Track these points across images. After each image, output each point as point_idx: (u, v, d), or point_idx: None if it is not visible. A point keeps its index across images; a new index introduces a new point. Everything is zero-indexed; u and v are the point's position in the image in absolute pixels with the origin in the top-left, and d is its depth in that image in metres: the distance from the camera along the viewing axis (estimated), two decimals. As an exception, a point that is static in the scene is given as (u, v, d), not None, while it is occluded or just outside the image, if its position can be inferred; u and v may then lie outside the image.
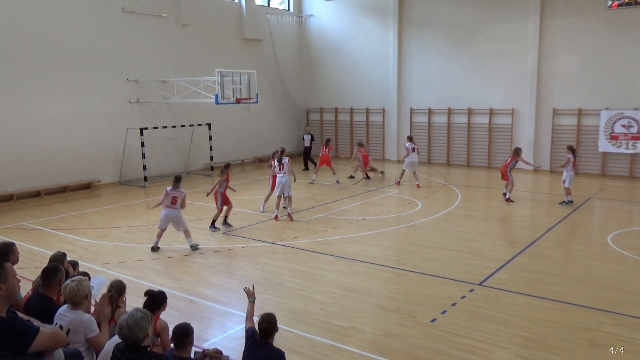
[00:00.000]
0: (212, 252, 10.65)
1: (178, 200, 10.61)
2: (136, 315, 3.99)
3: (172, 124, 20.12)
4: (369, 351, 6.43)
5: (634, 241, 11.08)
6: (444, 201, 15.31)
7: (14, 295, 3.64)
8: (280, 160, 13.22)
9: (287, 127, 26.26)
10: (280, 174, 13.18)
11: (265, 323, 4.73)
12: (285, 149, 14.12)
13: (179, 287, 8.71)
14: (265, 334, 4.73)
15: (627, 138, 18.64)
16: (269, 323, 4.73)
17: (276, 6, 25.67)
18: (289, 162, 13.28)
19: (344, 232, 11.93)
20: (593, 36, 19.02)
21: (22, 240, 11.37)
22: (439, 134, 23.00)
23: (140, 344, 3.95)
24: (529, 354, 6.29)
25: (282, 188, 13.15)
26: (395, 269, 9.52)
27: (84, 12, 17.52)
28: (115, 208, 15.05)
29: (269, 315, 4.81)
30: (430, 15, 22.51)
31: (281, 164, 13.18)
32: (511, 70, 20.81)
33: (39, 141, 16.53)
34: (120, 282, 5.35)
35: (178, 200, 10.61)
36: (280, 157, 13.34)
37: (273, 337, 4.80)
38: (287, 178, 13.16)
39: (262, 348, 4.71)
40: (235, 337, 6.93)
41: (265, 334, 4.73)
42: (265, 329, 4.72)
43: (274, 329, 4.77)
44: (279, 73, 25.42)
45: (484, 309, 7.64)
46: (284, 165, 13.15)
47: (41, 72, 16.49)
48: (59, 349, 3.73)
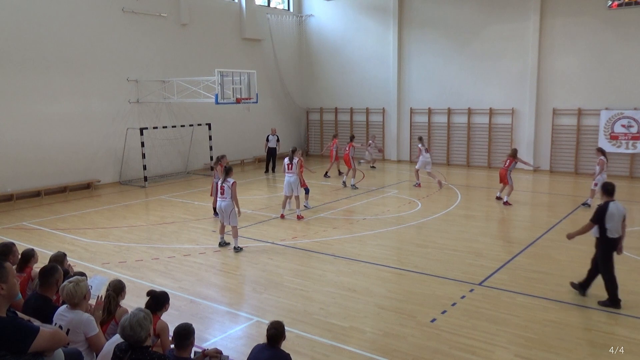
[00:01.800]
0: (212, 252, 10.65)
1: (226, 191, 10.53)
2: (138, 315, 3.99)
3: (172, 124, 20.12)
4: (369, 351, 6.43)
5: (634, 241, 11.07)
6: (444, 201, 15.30)
7: (14, 295, 3.65)
8: (290, 159, 13.31)
9: (287, 127, 26.25)
10: (289, 173, 13.25)
11: (273, 329, 4.75)
12: (296, 148, 14.04)
13: (179, 287, 8.71)
14: (273, 339, 4.74)
15: (627, 138, 18.64)
16: (277, 330, 4.76)
17: (276, 6, 25.68)
18: (299, 162, 13.37)
19: (344, 232, 11.93)
20: (593, 36, 19.02)
21: (22, 240, 11.36)
22: (439, 134, 23.00)
23: (142, 343, 3.96)
24: (529, 354, 6.29)
25: (290, 188, 13.23)
26: (395, 269, 9.52)
27: (84, 12, 17.52)
28: (115, 208, 15.05)
29: (278, 323, 4.83)
30: (430, 16, 22.52)
31: (290, 163, 13.26)
32: (511, 70, 20.82)
33: (39, 141, 16.53)
34: (119, 282, 5.35)
35: (226, 191, 10.53)
36: (291, 156, 13.40)
37: (280, 344, 4.82)
38: (296, 177, 13.22)
39: (268, 351, 4.73)
40: (235, 337, 6.94)
41: (272, 340, 4.74)
42: (273, 335, 4.74)
43: (281, 336, 4.79)
44: (279, 73, 25.42)
45: (484, 309, 7.64)
46: (292, 165, 13.24)
47: (41, 72, 16.49)
48: (59, 349, 3.73)
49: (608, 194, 7.78)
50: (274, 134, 21.44)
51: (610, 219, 7.54)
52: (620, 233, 7.64)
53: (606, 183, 7.99)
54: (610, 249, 7.72)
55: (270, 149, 21.17)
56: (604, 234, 7.63)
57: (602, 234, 7.66)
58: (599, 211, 7.62)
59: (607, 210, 7.56)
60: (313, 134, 26.67)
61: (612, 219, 7.54)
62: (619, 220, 7.59)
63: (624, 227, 7.71)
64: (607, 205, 7.61)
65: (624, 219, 7.70)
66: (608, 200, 7.72)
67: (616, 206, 7.62)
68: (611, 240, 7.63)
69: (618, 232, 7.61)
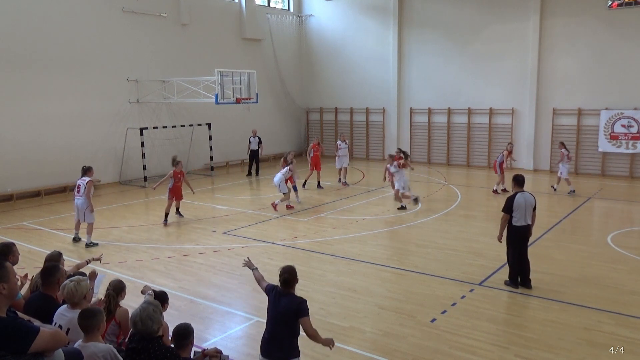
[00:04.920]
0: (212, 252, 10.65)
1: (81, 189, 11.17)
2: (148, 309, 4.04)
3: (172, 124, 20.12)
4: (369, 351, 6.43)
5: (634, 241, 11.08)
6: (444, 201, 15.30)
7: (14, 295, 3.65)
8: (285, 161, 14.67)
9: (287, 127, 26.26)
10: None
11: (286, 274, 4.93)
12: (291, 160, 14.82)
13: (179, 287, 8.71)
14: (287, 284, 4.92)
15: (627, 138, 18.64)
16: (290, 274, 4.94)
17: (275, 6, 25.68)
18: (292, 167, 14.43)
19: (344, 232, 11.93)
20: (593, 36, 19.02)
21: (22, 240, 11.37)
22: (439, 134, 23.01)
23: (154, 335, 4.06)
24: (529, 354, 6.29)
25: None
26: (395, 269, 9.52)
27: (84, 12, 17.52)
28: (115, 208, 15.05)
29: (290, 267, 5.02)
30: (430, 16, 22.52)
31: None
32: (511, 71, 20.82)
33: (39, 141, 16.53)
34: (120, 282, 5.35)
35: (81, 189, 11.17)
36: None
37: (294, 287, 4.99)
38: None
39: (285, 298, 4.90)
40: (235, 337, 6.94)
41: (286, 284, 4.92)
42: (286, 279, 4.91)
43: (294, 279, 4.97)
44: (279, 73, 25.42)
45: (484, 309, 7.64)
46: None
47: (41, 72, 16.49)
48: (59, 349, 3.73)
49: (519, 185, 8.38)
50: (255, 135, 20.44)
51: (517, 209, 8.11)
52: (527, 222, 8.20)
53: (517, 175, 8.51)
54: (515, 235, 8.24)
55: (252, 151, 20.37)
56: (510, 221, 8.21)
57: (509, 222, 8.23)
58: (508, 202, 8.21)
59: (515, 201, 8.14)
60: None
61: (519, 209, 8.11)
62: (525, 210, 8.12)
63: (534, 215, 8.33)
64: (515, 196, 8.20)
65: (534, 208, 8.29)
66: (517, 191, 8.31)
67: (524, 196, 8.18)
68: (516, 228, 8.19)
69: (526, 221, 8.17)
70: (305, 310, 4.82)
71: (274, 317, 4.91)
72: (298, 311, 4.79)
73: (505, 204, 8.27)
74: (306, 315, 4.80)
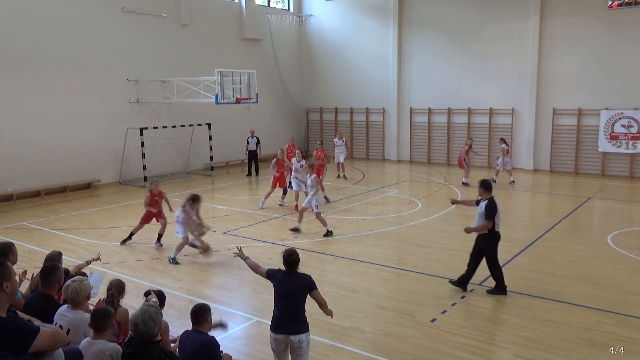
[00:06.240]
0: (212, 252, 10.63)
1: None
2: (150, 311, 4.05)
3: (172, 124, 20.12)
4: (369, 351, 6.43)
5: (634, 241, 11.08)
6: (444, 201, 15.30)
7: (15, 294, 3.66)
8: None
9: (287, 127, 26.25)
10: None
11: (294, 255, 5.26)
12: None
13: (179, 287, 8.71)
14: (296, 264, 5.26)
15: (627, 138, 18.64)
16: (297, 254, 5.29)
17: (275, 6, 25.68)
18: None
19: (344, 232, 11.93)
20: (593, 36, 19.02)
21: (22, 240, 11.37)
22: (439, 134, 23.00)
23: (154, 338, 4.07)
24: (529, 354, 6.29)
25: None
26: (395, 269, 9.52)
27: (84, 12, 17.52)
28: (115, 208, 15.05)
29: (293, 249, 5.37)
30: (430, 15, 22.51)
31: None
32: (511, 71, 20.81)
33: (39, 141, 16.52)
34: (120, 282, 5.35)
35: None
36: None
37: (298, 267, 5.31)
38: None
39: (292, 277, 5.25)
40: (236, 337, 6.93)
41: (295, 264, 5.25)
42: (296, 260, 5.25)
43: (298, 259, 5.29)
44: (279, 73, 25.42)
45: (484, 309, 7.64)
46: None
47: (41, 72, 16.49)
48: (59, 349, 3.73)
49: (489, 191, 8.14)
50: (253, 135, 20.33)
51: (498, 215, 7.98)
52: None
53: (485, 181, 8.29)
54: (496, 241, 8.09)
55: (251, 151, 20.28)
56: (492, 228, 7.97)
57: (491, 229, 7.98)
58: (493, 208, 7.92)
59: (497, 207, 7.95)
60: (313, 134, 26.66)
61: (499, 214, 8.00)
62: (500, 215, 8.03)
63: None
64: (496, 202, 7.98)
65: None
66: (491, 196, 8.06)
67: (497, 201, 8.05)
68: (497, 234, 8.05)
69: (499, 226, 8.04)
70: (314, 283, 5.29)
71: (285, 295, 5.22)
72: (310, 286, 5.25)
73: (491, 210, 7.85)
74: (316, 288, 5.29)
